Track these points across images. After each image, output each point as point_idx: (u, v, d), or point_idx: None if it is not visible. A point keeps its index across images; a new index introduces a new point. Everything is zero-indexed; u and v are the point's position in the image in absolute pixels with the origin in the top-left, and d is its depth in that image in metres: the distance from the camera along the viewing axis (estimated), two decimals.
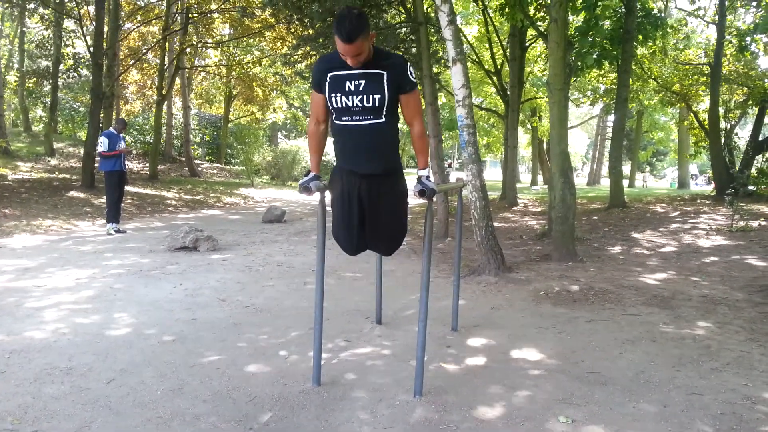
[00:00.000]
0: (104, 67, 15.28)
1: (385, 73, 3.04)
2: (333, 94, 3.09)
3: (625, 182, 21.95)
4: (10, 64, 24.82)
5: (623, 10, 12.28)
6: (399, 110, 3.26)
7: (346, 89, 3.04)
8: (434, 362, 3.83)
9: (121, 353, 3.90)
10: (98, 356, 3.83)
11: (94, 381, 3.42)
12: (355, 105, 3.06)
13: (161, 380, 3.45)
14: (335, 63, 3.05)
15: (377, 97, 3.04)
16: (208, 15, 20.65)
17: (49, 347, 3.98)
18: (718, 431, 2.88)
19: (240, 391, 3.33)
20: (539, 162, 33.45)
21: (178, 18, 20.48)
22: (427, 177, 3.24)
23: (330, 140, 3.49)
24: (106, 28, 15.42)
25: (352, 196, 3.29)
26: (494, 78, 17.22)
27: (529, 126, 28.67)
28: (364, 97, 3.04)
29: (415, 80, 3.14)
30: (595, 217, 12.65)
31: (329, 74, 3.09)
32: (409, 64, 3.17)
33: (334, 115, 3.18)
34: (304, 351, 4.00)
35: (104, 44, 15.25)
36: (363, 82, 3.02)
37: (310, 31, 12.54)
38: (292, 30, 15.43)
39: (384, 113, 3.09)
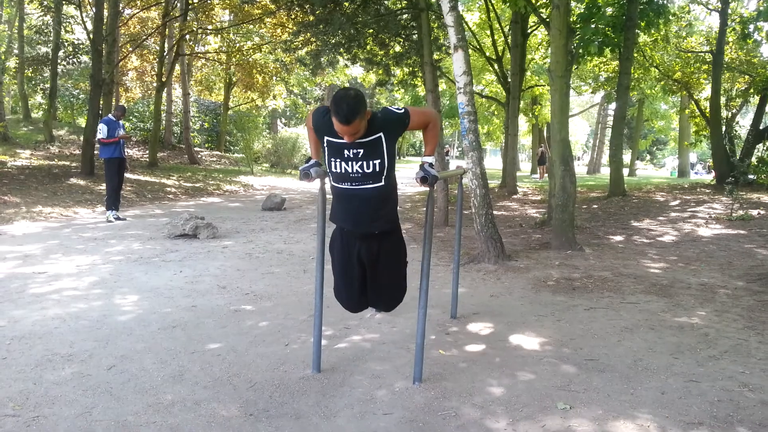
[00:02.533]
0: (104, 54, 15.20)
1: (381, 134, 2.99)
2: (332, 159, 3.06)
3: (626, 171, 21.89)
4: (10, 50, 24.68)
5: None
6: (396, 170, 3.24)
7: (345, 156, 3.01)
8: (434, 349, 3.85)
9: (122, 340, 3.92)
10: (99, 343, 3.85)
11: (95, 367, 3.44)
12: (354, 171, 3.02)
13: (162, 366, 3.47)
14: (333, 129, 2.96)
15: (377, 162, 3.01)
16: (208, 1, 20.52)
17: (50, 334, 4.00)
18: (715, 418, 2.90)
19: (240, 377, 3.35)
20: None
21: (178, 4, 20.34)
22: (431, 164, 3.24)
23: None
24: (105, 14, 15.33)
25: (352, 255, 3.29)
26: (495, 65, 17.14)
27: (530, 114, 28.55)
28: (364, 163, 3.00)
29: (402, 110, 3.09)
30: (595, 206, 12.65)
31: (326, 138, 3.05)
32: (386, 107, 3.15)
33: (331, 179, 3.16)
34: (304, 338, 4.02)
35: (104, 30, 15.16)
36: (361, 150, 2.99)
37: (311, 18, 12.49)
38: (293, 16, 15.38)
39: (384, 176, 3.06)
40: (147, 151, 21.15)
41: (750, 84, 17.10)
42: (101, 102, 15.25)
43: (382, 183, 3.08)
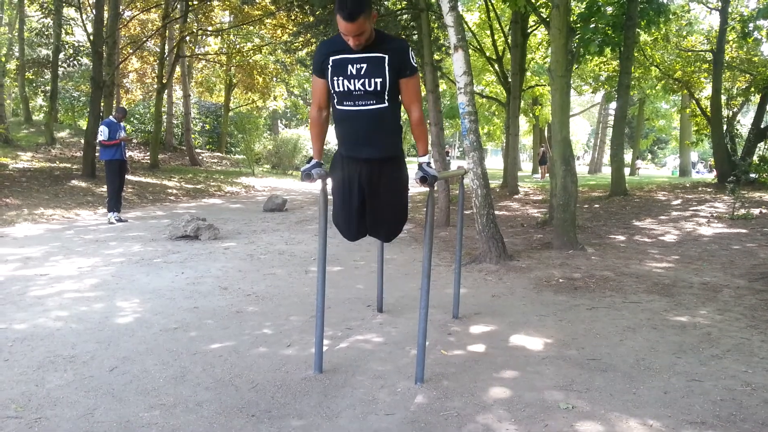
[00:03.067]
0: (104, 56, 15.21)
1: (386, 56, 3.02)
2: (335, 78, 3.07)
3: (627, 170, 21.87)
4: (11, 53, 24.70)
5: None
6: None
7: (348, 73, 3.03)
8: (435, 349, 3.84)
9: (124, 341, 3.92)
10: (101, 344, 3.85)
11: (97, 369, 3.43)
12: (357, 88, 3.04)
13: (164, 368, 3.47)
14: (337, 46, 3.04)
15: (378, 80, 3.03)
16: (208, 2, 20.54)
17: (52, 335, 4.00)
18: (718, 417, 2.89)
19: (242, 378, 3.35)
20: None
21: (178, 5, 20.36)
22: (428, 164, 3.23)
23: (331, 127, 3.48)
24: (106, 16, 15.34)
25: (352, 181, 3.29)
26: (496, 65, 17.14)
27: (532, 114, 28.53)
28: (366, 80, 3.02)
29: (415, 65, 3.12)
30: (597, 205, 12.64)
31: (331, 58, 3.07)
32: (410, 48, 3.16)
33: (335, 100, 3.16)
34: (305, 338, 4.02)
35: (104, 32, 15.18)
36: (365, 65, 3.01)
37: (311, 18, 12.51)
38: (293, 17, 15.40)
39: (386, 98, 3.08)
40: (148, 153, 21.17)
41: (751, 83, 17.09)
42: (102, 104, 15.26)
43: (385, 104, 3.09)
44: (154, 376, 3.34)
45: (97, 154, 13.38)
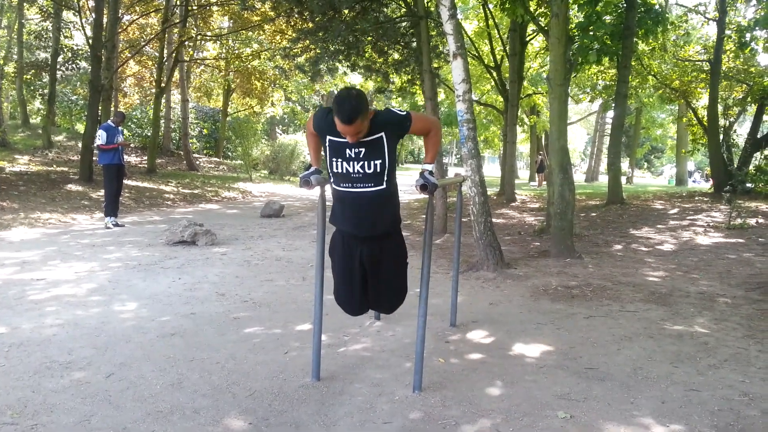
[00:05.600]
0: (103, 60, 15.22)
1: (382, 134, 3.00)
2: (333, 159, 3.06)
3: (623, 179, 21.92)
4: (9, 55, 24.70)
5: (624, 5, 12.26)
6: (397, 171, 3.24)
7: (347, 156, 3.01)
8: (433, 357, 3.84)
9: (121, 347, 3.91)
10: (98, 350, 3.83)
11: (94, 375, 3.42)
12: (356, 171, 3.02)
13: (161, 374, 3.46)
14: (335, 128, 2.96)
15: (378, 162, 3.01)
16: (208, 7, 20.57)
17: (49, 341, 3.98)
18: (716, 427, 2.90)
19: (239, 385, 3.34)
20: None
21: (178, 10, 20.39)
22: (431, 172, 3.24)
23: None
24: (105, 20, 15.36)
25: (353, 259, 3.28)
26: (494, 73, 17.19)
27: (527, 124, 28.58)
28: (365, 163, 3.00)
29: (405, 112, 3.10)
30: (594, 214, 12.66)
31: (329, 137, 3.05)
32: (388, 108, 3.17)
33: (332, 180, 3.15)
34: (303, 346, 4.01)
35: (103, 36, 15.19)
36: (363, 150, 3.00)
37: (310, 25, 12.52)
38: (292, 23, 15.41)
39: (385, 179, 3.06)
40: (145, 158, 21.15)
41: (747, 93, 17.16)
42: (100, 108, 15.25)
43: (383, 186, 3.08)
44: (151, 383, 3.33)
45: (95, 158, 13.37)
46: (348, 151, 3.01)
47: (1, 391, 3.15)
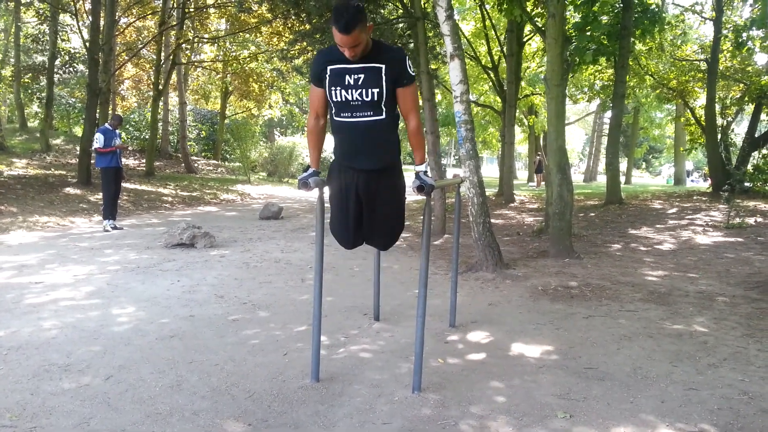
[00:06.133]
0: (100, 63, 15.21)
1: (383, 66, 3.03)
2: (333, 88, 3.08)
3: (622, 179, 21.92)
4: (6, 59, 24.67)
5: (621, 5, 12.28)
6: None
7: (346, 83, 3.04)
8: (432, 358, 3.83)
9: (120, 349, 3.90)
10: (96, 353, 3.83)
11: (93, 377, 3.41)
12: (354, 99, 3.05)
13: (160, 376, 3.45)
14: (335, 56, 3.05)
15: (376, 91, 3.04)
16: (205, 10, 20.57)
17: (47, 344, 3.97)
18: (716, 426, 2.89)
19: (239, 387, 3.33)
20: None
21: (175, 13, 20.39)
22: (425, 172, 3.24)
23: (329, 136, 3.49)
24: (102, 23, 15.35)
25: (349, 190, 3.29)
26: (491, 74, 17.20)
27: (526, 124, 28.59)
28: (364, 91, 3.03)
29: (413, 74, 3.13)
30: (592, 214, 12.67)
31: (329, 67, 3.08)
32: (408, 57, 3.17)
33: (333, 111, 3.17)
34: (302, 347, 4.00)
35: (100, 39, 15.18)
36: (362, 76, 3.02)
37: (307, 27, 12.52)
38: (289, 25, 15.42)
39: (383, 109, 3.09)
40: (144, 160, 21.13)
41: (745, 92, 17.19)
42: (98, 111, 15.23)
43: (383, 116, 3.09)
44: (150, 385, 3.33)
45: (92, 162, 13.36)
46: (347, 77, 3.03)
47: (0, 394, 3.14)
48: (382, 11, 13.03)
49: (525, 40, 16.88)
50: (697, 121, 18.81)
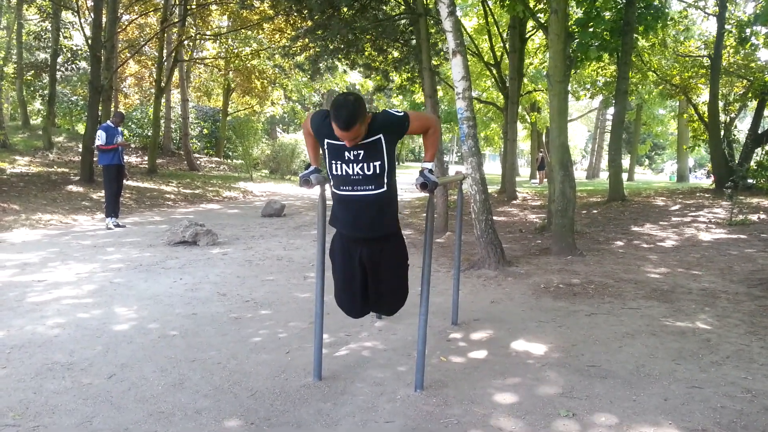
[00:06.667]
0: (102, 60, 15.20)
1: (380, 136, 2.99)
2: (333, 162, 3.05)
3: (624, 176, 21.88)
4: (9, 56, 24.69)
5: (623, 1, 12.24)
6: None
7: (346, 158, 3.01)
8: (435, 356, 3.83)
9: (122, 348, 3.91)
10: (99, 351, 3.83)
11: (95, 376, 3.42)
12: (355, 173, 3.02)
13: (162, 375, 3.46)
14: (333, 132, 2.95)
15: (377, 164, 3.00)
16: (206, 6, 20.54)
17: (50, 342, 3.98)
18: (719, 424, 2.89)
19: (241, 385, 3.34)
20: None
21: (177, 10, 20.37)
22: (430, 170, 3.23)
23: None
24: (104, 20, 15.34)
25: (353, 261, 3.27)
26: (494, 70, 17.16)
27: (528, 121, 28.54)
28: (365, 165, 2.99)
29: (402, 113, 3.08)
30: (595, 211, 12.65)
31: (327, 141, 3.04)
32: (385, 110, 3.16)
33: (332, 183, 3.15)
34: (304, 345, 4.01)
35: (102, 36, 15.18)
36: (362, 152, 2.98)
37: (309, 23, 12.49)
38: (291, 22, 15.39)
39: (385, 181, 3.06)
40: (146, 158, 21.14)
41: (748, 88, 17.12)
42: (100, 108, 15.23)
43: (384, 189, 3.07)
44: (153, 384, 3.33)
45: (95, 159, 13.37)
46: (347, 153, 3.00)
47: (3, 393, 3.15)
48: (384, 8, 12.99)
49: (527, 36, 16.81)
50: (700, 118, 18.74)
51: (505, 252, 7.00)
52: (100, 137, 9.50)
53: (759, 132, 16.33)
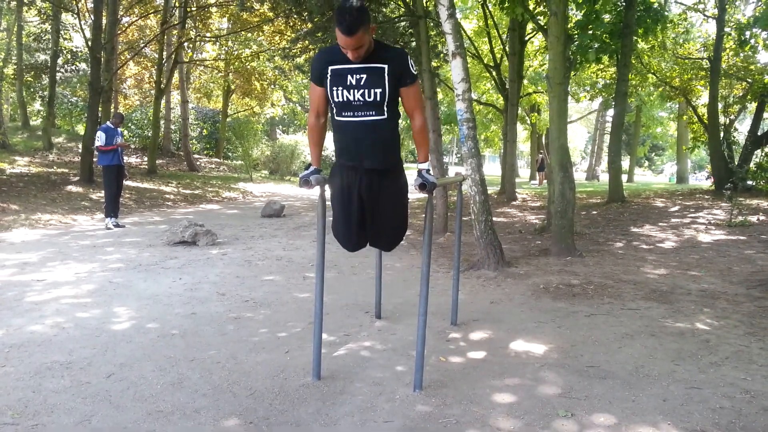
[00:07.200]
0: (102, 61, 15.21)
1: (385, 66, 3.02)
2: (334, 88, 3.07)
3: (624, 177, 21.88)
4: (9, 58, 24.70)
5: (623, 4, 12.26)
6: (400, 106, 3.25)
7: (348, 83, 3.03)
8: (434, 356, 3.83)
9: (121, 347, 3.90)
10: (98, 350, 3.83)
11: (94, 375, 3.42)
12: (356, 99, 3.04)
13: (161, 374, 3.46)
14: (336, 56, 3.04)
15: (378, 91, 3.03)
16: (206, 9, 20.57)
17: (49, 341, 3.98)
18: (718, 425, 2.89)
19: (240, 385, 3.34)
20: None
21: (177, 12, 20.39)
22: (428, 170, 3.23)
23: (329, 135, 3.48)
24: (104, 22, 15.35)
25: (352, 191, 3.28)
26: (493, 72, 17.18)
27: (528, 122, 28.56)
28: (366, 91, 3.02)
29: (416, 73, 3.12)
30: (594, 212, 12.66)
31: (330, 67, 3.07)
32: (410, 56, 3.16)
33: (334, 111, 3.16)
34: (303, 345, 4.00)
35: (102, 38, 15.19)
36: (364, 76, 3.01)
37: (309, 25, 12.52)
38: (291, 24, 15.42)
39: (385, 109, 3.08)
40: (146, 159, 21.14)
41: (747, 90, 17.14)
42: (100, 109, 15.25)
43: (384, 116, 3.09)
44: (152, 383, 3.33)
45: (95, 160, 13.38)
46: (349, 77, 3.02)
47: (2, 392, 3.15)
48: (384, 10, 13.02)
49: (527, 38, 16.84)
50: (699, 120, 18.76)
51: (505, 253, 7.01)
52: (100, 138, 9.51)
53: (758, 134, 16.35)
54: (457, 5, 18.73)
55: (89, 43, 15.89)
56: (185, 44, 21.92)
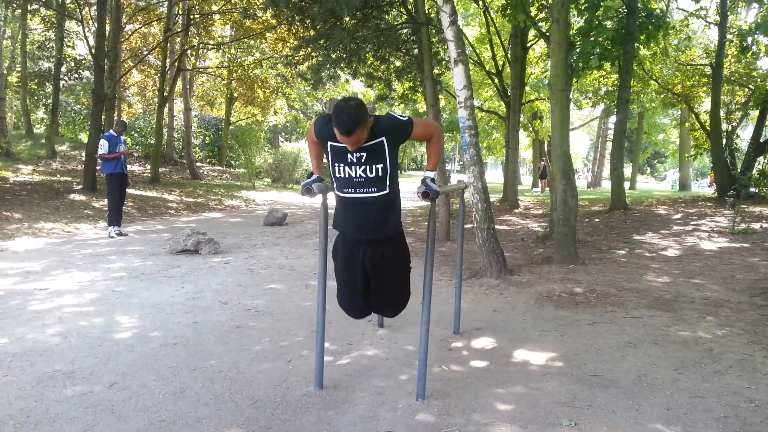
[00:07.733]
0: (106, 69, 15.27)
1: (383, 139, 3.01)
2: (335, 164, 3.08)
3: (626, 184, 21.85)
4: (13, 66, 24.82)
5: (625, 10, 12.28)
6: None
7: (348, 160, 3.03)
8: (436, 365, 3.82)
9: (123, 356, 3.90)
10: (100, 359, 3.83)
11: (96, 384, 3.42)
12: (358, 176, 3.04)
13: (163, 384, 3.45)
14: (335, 134, 2.97)
15: (380, 166, 3.03)
16: (209, 16, 20.65)
17: (51, 351, 3.98)
18: None
19: (242, 394, 3.33)
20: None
21: (180, 19, 20.47)
22: (432, 179, 3.24)
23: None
24: (107, 29, 15.42)
25: (355, 262, 3.29)
26: (495, 79, 17.20)
27: (531, 129, 28.57)
28: (367, 167, 3.02)
29: (408, 118, 3.10)
30: (597, 220, 12.64)
31: (330, 143, 3.07)
32: (390, 113, 3.18)
33: (335, 185, 3.17)
34: (306, 354, 4.00)
35: (106, 46, 15.25)
36: (364, 154, 3.01)
37: (311, 32, 12.54)
38: (294, 31, 15.44)
39: (387, 183, 3.08)
40: (149, 167, 21.18)
41: (749, 97, 17.13)
42: (103, 117, 15.29)
43: (386, 191, 3.09)
44: (154, 392, 3.32)
45: (98, 168, 13.41)
46: (350, 155, 3.02)
47: (4, 401, 3.15)
48: (386, 17, 13.04)
49: (529, 45, 16.87)
50: (702, 126, 18.74)
51: (507, 261, 7.00)
52: (103, 146, 9.53)
53: (761, 140, 16.33)
54: (459, 12, 18.77)
55: (92, 51, 15.95)
56: (188, 52, 22.00)
